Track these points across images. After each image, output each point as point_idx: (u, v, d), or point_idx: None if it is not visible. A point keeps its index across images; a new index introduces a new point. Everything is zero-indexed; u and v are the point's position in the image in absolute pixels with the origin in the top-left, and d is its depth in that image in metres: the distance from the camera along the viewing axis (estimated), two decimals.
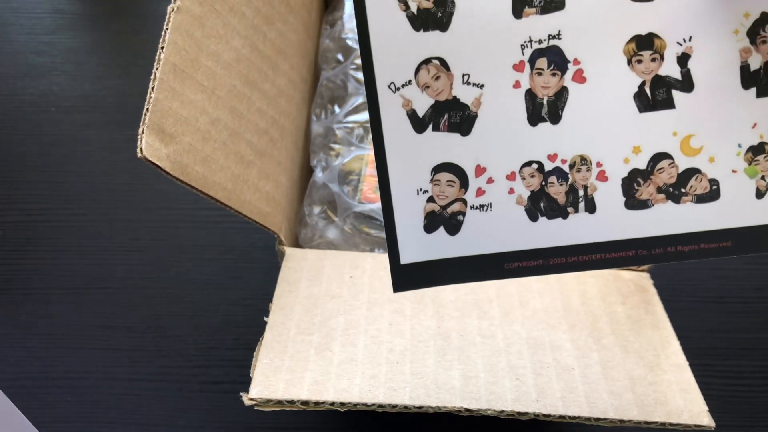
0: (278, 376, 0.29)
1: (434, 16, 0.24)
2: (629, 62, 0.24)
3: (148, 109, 0.25)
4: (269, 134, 0.36)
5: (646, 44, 0.24)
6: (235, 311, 0.45)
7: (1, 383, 0.41)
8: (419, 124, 0.25)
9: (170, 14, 0.26)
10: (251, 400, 0.28)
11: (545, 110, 0.25)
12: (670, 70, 0.24)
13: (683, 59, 0.24)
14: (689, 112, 0.24)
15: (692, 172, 0.25)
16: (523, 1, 0.24)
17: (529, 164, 0.25)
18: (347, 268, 0.35)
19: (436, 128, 0.25)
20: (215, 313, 0.45)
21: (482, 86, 0.24)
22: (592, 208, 0.25)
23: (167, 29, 0.26)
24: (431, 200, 0.25)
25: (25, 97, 0.57)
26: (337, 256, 0.35)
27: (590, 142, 0.25)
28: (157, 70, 0.25)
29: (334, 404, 0.28)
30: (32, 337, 0.43)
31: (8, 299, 0.45)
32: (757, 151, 0.25)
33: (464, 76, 0.24)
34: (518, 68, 0.24)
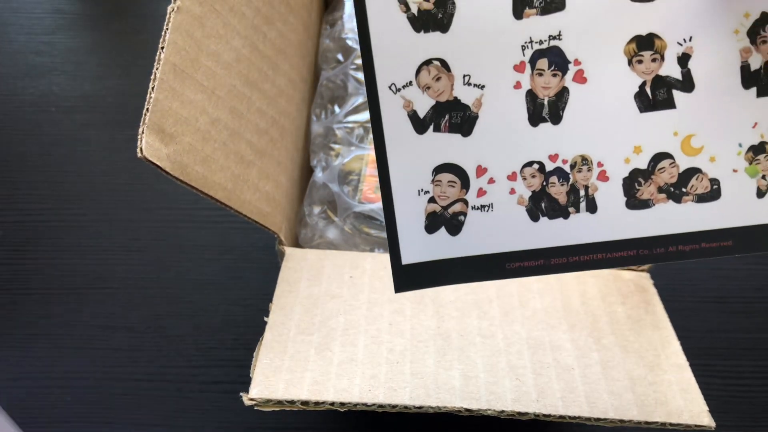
0: (278, 376, 0.29)
1: (435, 17, 0.24)
2: (630, 62, 0.24)
3: (148, 109, 0.25)
4: (269, 134, 0.36)
5: (646, 44, 0.24)
6: (235, 311, 0.45)
7: (1, 383, 0.41)
8: (420, 124, 0.25)
9: (170, 14, 0.26)
10: (251, 400, 0.28)
11: (546, 111, 0.25)
12: (670, 70, 0.24)
13: (684, 59, 0.24)
14: (690, 111, 0.24)
15: (693, 171, 0.25)
16: (523, 1, 0.24)
17: (530, 164, 0.25)
18: (347, 268, 0.35)
19: (437, 129, 0.25)
20: (215, 313, 0.45)
21: (483, 87, 0.25)
22: (593, 208, 0.25)
23: (167, 29, 0.26)
24: (432, 201, 0.25)
25: (25, 97, 0.57)
26: (337, 256, 0.35)
27: (591, 142, 0.25)
28: (157, 70, 0.25)
29: (334, 404, 0.28)
30: (32, 337, 0.43)
31: (8, 299, 0.45)
32: (757, 150, 0.25)
33: (465, 76, 0.24)
34: (519, 69, 0.24)
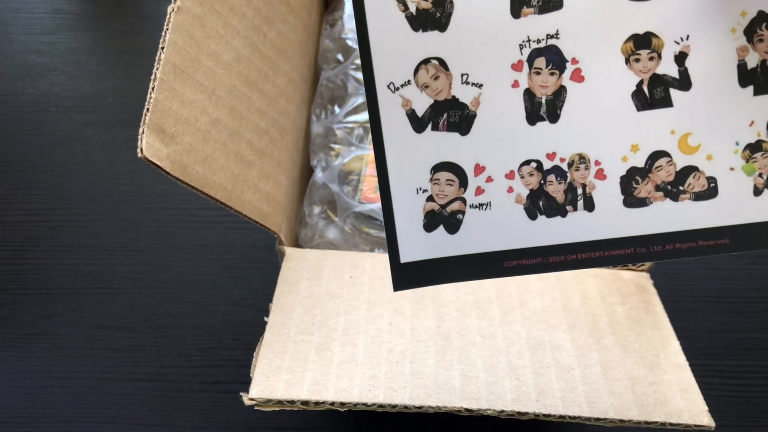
0: (278, 376, 0.29)
1: (433, 16, 0.24)
2: (627, 61, 0.24)
3: (148, 109, 0.25)
4: (269, 134, 0.36)
5: (643, 43, 0.24)
6: (235, 311, 0.45)
7: (1, 383, 0.41)
8: (418, 123, 0.25)
9: (170, 14, 0.26)
10: (251, 400, 0.28)
11: (544, 109, 0.25)
12: (667, 68, 0.24)
13: (681, 58, 0.24)
14: (687, 110, 0.24)
15: (690, 169, 0.25)
16: (521, 1, 0.24)
17: (527, 163, 0.25)
18: (347, 268, 0.35)
19: (435, 128, 0.25)
20: (215, 313, 0.45)
21: (481, 86, 0.25)
22: (590, 206, 0.25)
23: (167, 29, 0.26)
24: (431, 199, 0.26)
25: (25, 97, 0.57)
26: (337, 256, 0.35)
27: (589, 140, 0.25)
28: (157, 70, 0.25)
29: (334, 404, 0.28)
30: (32, 337, 0.43)
31: (8, 299, 0.45)
32: (754, 148, 0.25)
33: (463, 75, 0.25)
34: (517, 68, 0.24)
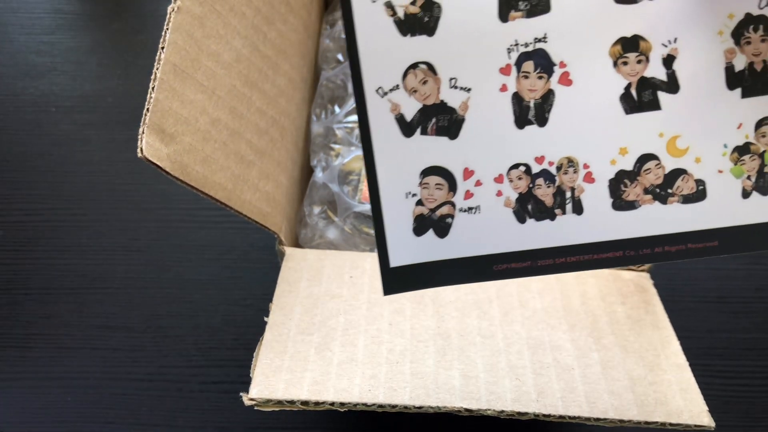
0: (278, 376, 0.29)
1: (421, 20, 0.24)
2: (615, 64, 0.24)
3: (148, 109, 0.25)
4: (269, 134, 0.36)
5: (631, 46, 0.24)
6: (235, 311, 0.45)
7: (1, 383, 0.41)
8: (407, 128, 0.25)
9: (170, 14, 0.26)
10: (251, 400, 0.28)
11: (532, 113, 0.25)
12: (655, 71, 0.24)
13: (668, 61, 0.24)
14: (675, 113, 0.24)
15: (679, 172, 0.25)
16: (509, 4, 0.24)
17: (516, 167, 0.25)
18: (347, 268, 0.35)
19: (424, 132, 0.25)
20: (215, 313, 0.45)
21: (469, 90, 0.25)
22: (579, 209, 0.25)
23: (167, 29, 0.26)
24: (420, 203, 0.26)
25: (25, 97, 0.57)
26: (337, 256, 0.35)
27: (577, 144, 0.25)
28: (157, 70, 0.25)
29: (334, 404, 0.28)
30: (32, 337, 0.43)
31: (8, 299, 0.45)
32: (742, 151, 0.25)
33: (451, 80, 0.25)
34: (505, 72, 0.24)
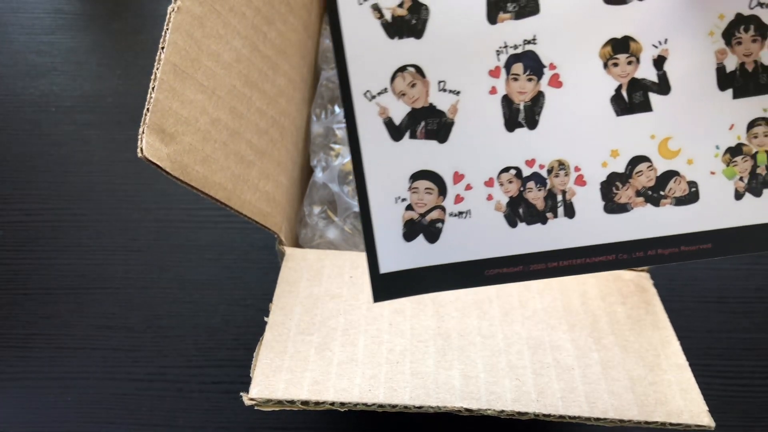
0: (278, 376, 0.29)
1: (408, 23, 0.24)
2: (605, 66, 0.24)
3: (148, 109, 0.25)
4: (269, 134, 0.36)
5: (621, 47, 0.24)
6: (235, 311, 0.45)
7: (1, 383, 0.41)
8: (396, 131, 0.25)
9: (170, 14, 0.26)
10: (251, 400, 0.28)
11: (522, 116, 0.24)
12: (646, 72, 0.24)
13: (659, 62, 0.24)
14: (666, 114, 0.24)
15: (671, 174, 0.25)
16: (497, 6, 0.23)
17: (506, 170, 0.25)
18: (347, 268, 0.35)
19: (413, 136, 0.25)
20: (215, 313, 0.45)
21: (458, 93, 0.24)
22: (571, 213, 0.25)
23: (167, 29, 0.26)
24: (410, 208, 0.25)
25: (25, 97, 0.57)
26: (337, 256, 0.35)
27: (568, 146, 0.25)
28: (157, 70, 0.25)
29: (334, 404, 0.28)
30: (32, 337, 0.43)
31: (8, 299, 0.45)
32: (734, 152, 0.25)
33: (440, 83, 0.24)
34: (494, 74, 0.24)
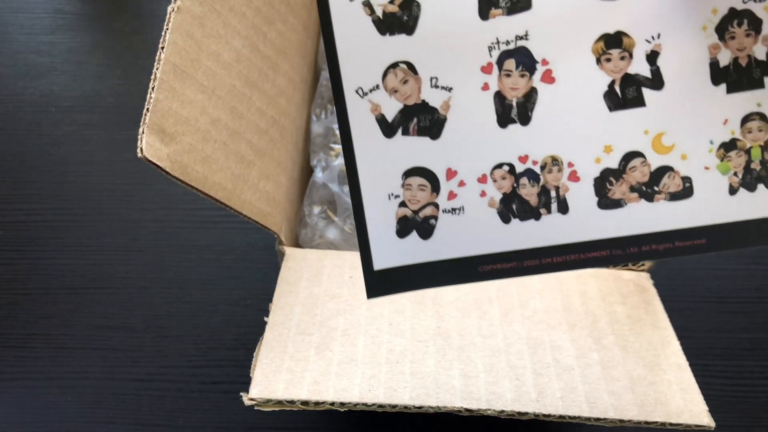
0: (278, 376, 0.29)
1: (400, 19, 0.24)
2: (598, 61, 0.24)
3: (148, 109, 0.25)
4: (269, 134, 0.36)
5: (614, 43, 0.24)
6: (235, 311, 0.45)
7: (1, 383, 0.41)
8: (388, 128, 0.25)
9: (170, 14, 0.26)
10: (251, 400, 0.28)
11: (515, 112, 0.24)
12: (639, 68, 0.24)
13: (652, 57, 0.24)
14: (660, 109, 0.24)
15: (665, 170, 0.25)
16: (489, 2, 0.23)
17: (500, 166, 0.25)
18: (347, 268, 0.35)
19: (405, 132, 0.25)
20: (215, 313, 0.45)
21: (450, 89, 0.24)
22: (564, 208, 0.25)
23: (167, 29, 0.26)
24: (403, 205, 0.25)
25: (25, 97, 0.57)
26: (337, 256, 0.35)
27: (561, 142, 0.25)
28: (157, 70, 0.25)
29: (334, 404, 0.28)
30: (32, 337, 0.43)
31: (8, 299, 0.45)
32: (728, 147, 0.25)
33: (432, 79, 0.24)
34: (486, 70, 0.24)
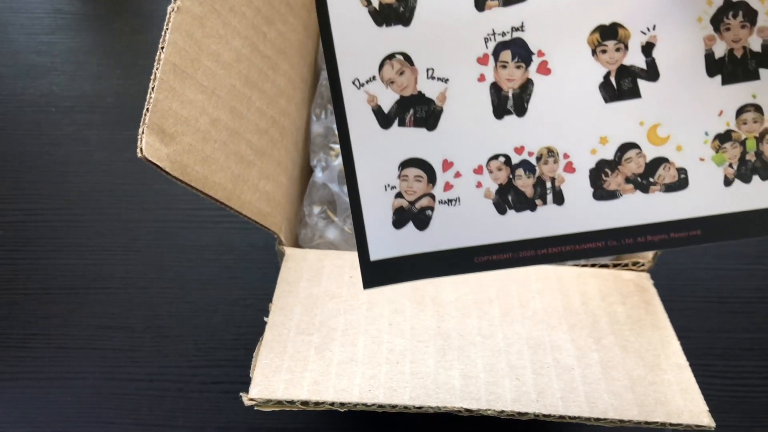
0: (278, 376, 0.29)
1: (396, 11, 0.24)
2: (594, 52, 0.24)
3: (148, 109, 0.25)
4: (269, 134, 0.36)
5: (610, 34, 0.24)
6: (235, 311, 0.45)
7: (1, 383, 0.41)
8: (385, 119, 0.25)
9: (170, 14, 0.26)
10: (251, 400, 0.28)
11: (511, 103, 0.24)
12: (634, 59, 0.24)
13: (648, 48, 0.24)
14: (655, 101, 0.24)
15: (660, 161, 0.25)
16: None
17: (496, 157, 0.25)
18: (347, 268, 0.35)
19: (401, 124, 0.25)
20: (215, 313, 0.45)
21: (447, 80, 0.24)
22: (560, 200, 0.25)
23: (167, 29, 0.26)
24: (399, 196, 0.25)
25: (25, 97, 0.57)
26: (337, 256, 0.35)
27: (557, 133, 0.25)
28: (157, 70, 0.25)
29: (334, 404, 0.28)
30: (32, 337, 0.43)
31: (8, 299, 0.45)
32: (723, 138, 0.24)
33: (428, 70, 0.24)
34: (482, 61, 0.24)
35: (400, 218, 0.25)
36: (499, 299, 0.33)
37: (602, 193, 0.25)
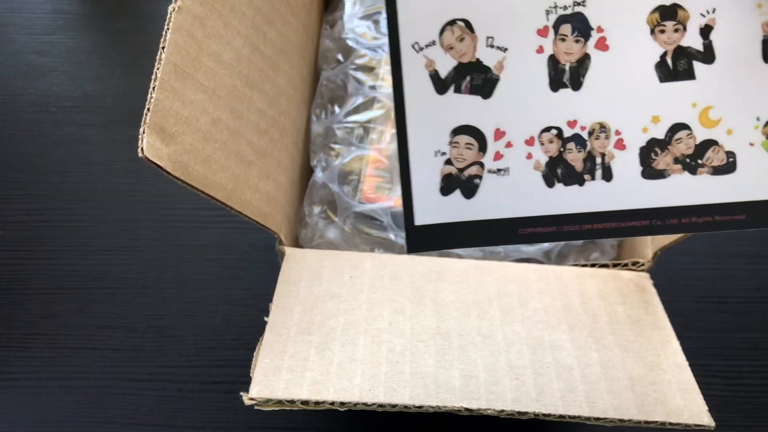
0: (278, 375, 0.29)
1: None
2: (652, 32, 0.24)
3: (149, 109, 0.25)
4: (269, 134, 0.36)
5: (669, 15, 0.24)
6: (235, 311, 0.45)
7: (1, 383, 0.41)
8: (441, 85, 0.25)
9: (171, 14, 0.26)
10: (251, 399, 0.28)
11: (567, 76, 0.25)
12: (692, 41, 0.24)
13: (706, 31, 0.24)
14: (709, 83, 0.24)
15: (710, 143, 0.25)
16: None
17: (548, 129, 0.25)
18: (347, 268, 0.35)
19: (457, 90, 0.25)
20: (215, 313, 0.45)
21: (506, 50, 0.25)
22: (608, 176, 0.25)
23: (168, 29, 0.26)
24: (449, 162, 0.25)
25: (25, 97, 0.57)
26: (337, 256, 0.35)
27: (610, 109, 0.25)
28: (157, 70, 0.25)
29: (334, 404, 0.28)
30: (32, 337, 0.43)
31: (8, 299, 0.45)
32: None
33: (488, 38, 0.24)
34: (542, 33, 0.24)
35: (447, 185, 0.26)
36: (499, 299, 0.33)
37: (651, 171, 0.25)
